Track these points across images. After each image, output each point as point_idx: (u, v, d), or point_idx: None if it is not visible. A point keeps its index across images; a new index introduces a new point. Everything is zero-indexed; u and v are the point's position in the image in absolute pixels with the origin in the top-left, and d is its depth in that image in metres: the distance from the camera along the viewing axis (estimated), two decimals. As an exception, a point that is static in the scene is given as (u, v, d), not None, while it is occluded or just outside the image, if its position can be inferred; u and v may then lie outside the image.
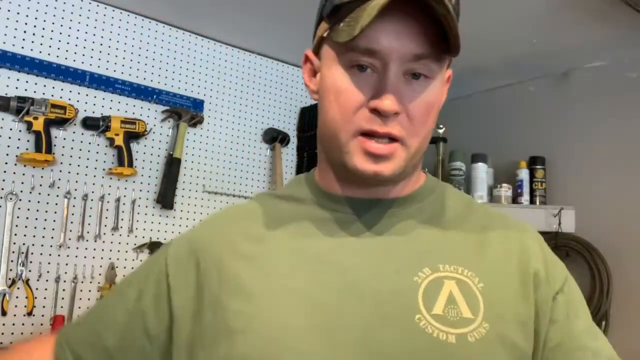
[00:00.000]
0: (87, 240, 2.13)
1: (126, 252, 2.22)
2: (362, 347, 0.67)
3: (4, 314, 1.95)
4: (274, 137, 2.63)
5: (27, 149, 2.02)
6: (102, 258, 2.16)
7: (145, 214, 2.28)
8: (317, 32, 0.77)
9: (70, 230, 2.10)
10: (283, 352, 0.67)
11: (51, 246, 2.06)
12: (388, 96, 0.68)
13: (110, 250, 2.19)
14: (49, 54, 2.10)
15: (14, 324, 1.96)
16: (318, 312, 0.69)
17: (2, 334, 1.94)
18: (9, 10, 2.03)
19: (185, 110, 2.37)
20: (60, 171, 2.09)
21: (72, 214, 2.11)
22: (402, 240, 0.75)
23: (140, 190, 2.28)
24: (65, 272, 2.08)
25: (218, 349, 0.70)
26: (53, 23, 2.12)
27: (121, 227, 2.21)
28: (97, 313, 0.87)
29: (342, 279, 0.71)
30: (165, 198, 2.28)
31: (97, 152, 2.18)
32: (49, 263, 2.05)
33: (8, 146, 1.99)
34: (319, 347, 0.67)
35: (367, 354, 0.67)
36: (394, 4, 0.65)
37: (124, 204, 2.23)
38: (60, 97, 2.11)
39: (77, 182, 2.13)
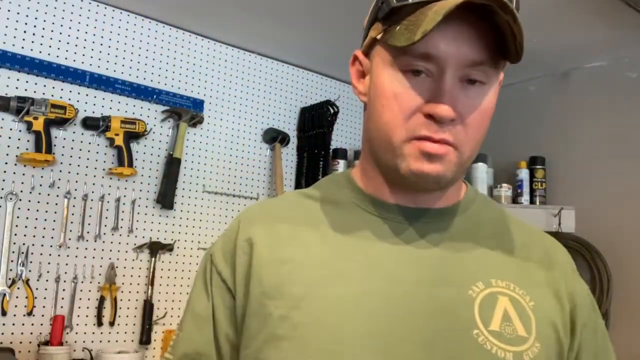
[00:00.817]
0: (87, 240, 2.13)
1: (126, 252, 2.22)
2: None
3: (4, 314, 1.95)
4: (274, 137, 2.63)
5: (27, 149, 2.02)
6: (102, 258, 2.16)
7: (145, 214, 2.28)
8: (370, 33, 0.74)
9: (70, 230, 2.10)
10: None
11: (51, 246, 2.06)
12: (444, 102, 0.66)
13: (110, 250, 2.18)
14: (49, 54, 2.10)
15: (14, 324, 1.96)
16: (372, 321, 0.67)
17: (2, 334, 1.94)
18: (9, 10, 2.03)
19: (185, 110, 2.37)
20: (60, 171, 2.09)
21: (72, 214, 2.11)
22: (453, 252, 0.73)
23: (140, 190, 2.28)
24: (65, 272, 2.08)
25: (263, 355, 0.68)
26: (53, 23, 2.12)
27: (121, 227, 2.21)
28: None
29: (393, 287, 0.69)
30: (165, 198, 2.28)
31: (97, 152, 2.18)
32: (49, 263, 2.04)
33: (8, 146, 1.99)
34: (378, 358, 0.65)
35: None
36: (456, 9, 0.62)
37: (124, 204, 2.23)
38: (60, 97, 2.11)
39: (77, 182, 2.12)
